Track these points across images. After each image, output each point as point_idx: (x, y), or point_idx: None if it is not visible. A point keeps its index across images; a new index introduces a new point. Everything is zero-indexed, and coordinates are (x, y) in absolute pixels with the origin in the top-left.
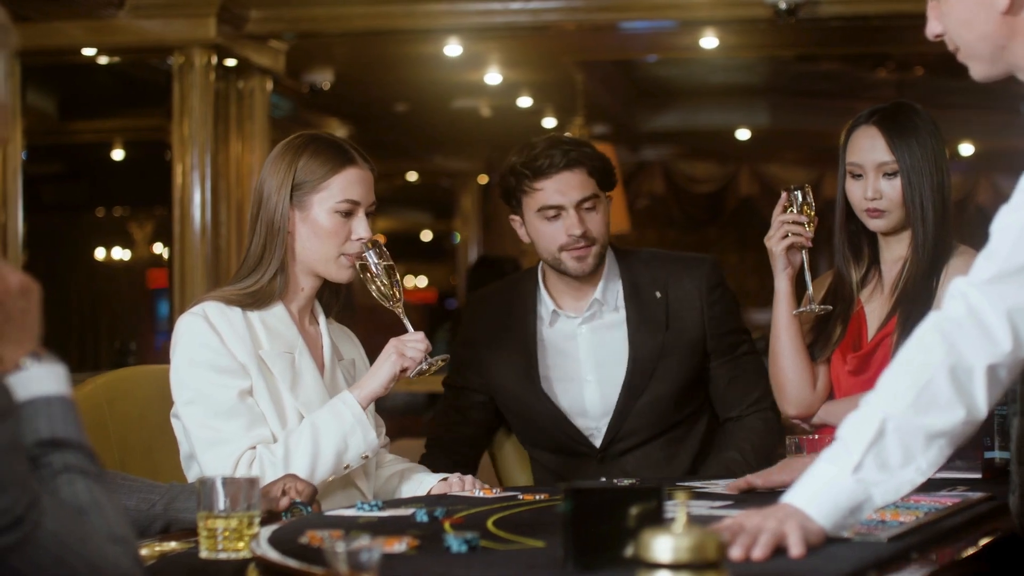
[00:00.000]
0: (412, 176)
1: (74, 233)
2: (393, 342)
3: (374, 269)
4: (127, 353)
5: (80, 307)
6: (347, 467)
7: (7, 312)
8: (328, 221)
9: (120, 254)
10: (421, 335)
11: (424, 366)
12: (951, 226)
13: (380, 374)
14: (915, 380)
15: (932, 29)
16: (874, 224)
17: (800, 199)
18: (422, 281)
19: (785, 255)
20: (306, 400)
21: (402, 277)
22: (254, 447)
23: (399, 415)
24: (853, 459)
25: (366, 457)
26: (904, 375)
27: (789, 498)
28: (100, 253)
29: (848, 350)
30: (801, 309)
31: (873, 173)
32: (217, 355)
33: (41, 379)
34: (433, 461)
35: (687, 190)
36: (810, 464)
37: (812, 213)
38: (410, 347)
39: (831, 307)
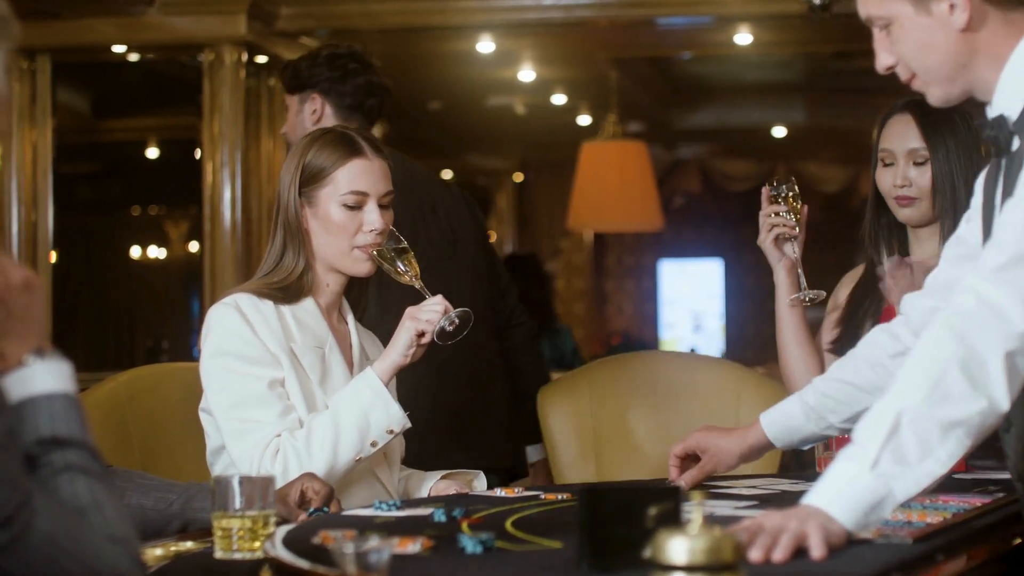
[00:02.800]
0: (447, 175)
1: (109, 232)
2: (409, 310)
3: (389, 253)
4: (159, 352)
5: (115, 306)
6: (374, 444)
7: (9, 308)
8: (337, 214)
9: (155, 252)
10: (438, 298)
11: (444, 324)
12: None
13: (398, 343)
14: (927, 376)
15: (883, 62)
16: (904, 214)
17: (784, 192)
18: None
19: (776, 247)
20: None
21: None
22: (279, 434)
23: None
24: (870, 456)
25: (392, 432)
26: (916, 372)
27: (809, 499)
28: (135, 252)
29: None
30: (792, 297)
31: (904, 160)
32: (248, 345)
33: (44, 376)
34: None
35: (723, 188)
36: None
37: (797, 204)
38: (425, 311)
39: (823, 293)
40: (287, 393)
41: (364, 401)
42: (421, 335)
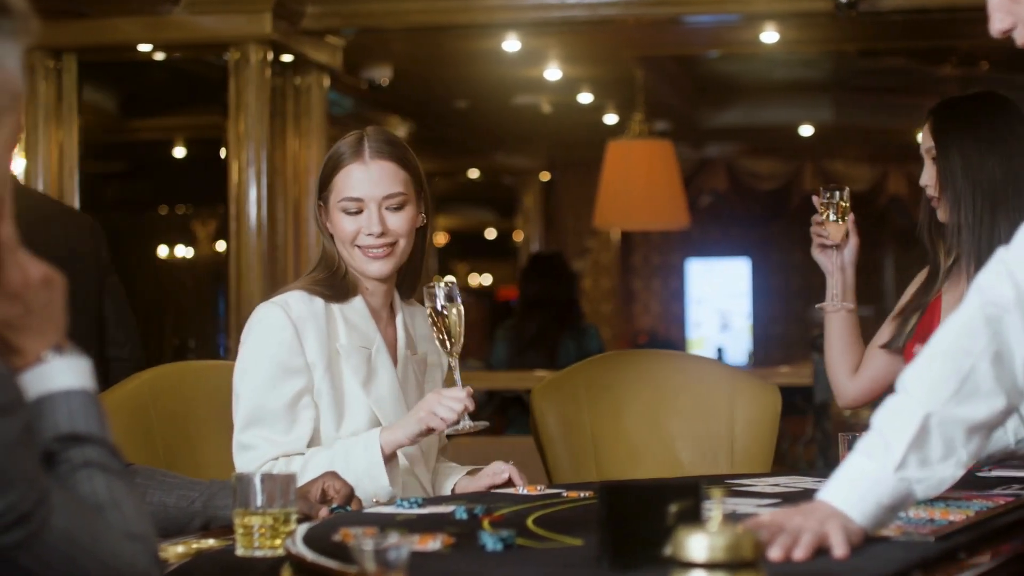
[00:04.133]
0: (474, 173)
1: (137, 231)
2: (430, 398)
3: (439, 309)
4: (186, 350)
5: (143, 305)
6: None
7: (28, 304)
8: (338, 220)
9: (183, 252)
10: (464, 393)
11: (461, 426)
12: (998, 226)
13: (408, 427)
14: (957, 369)
15: (1000, 25)
16: (939, 213)
17: (835, 199)
18: (487, 279)
19: (825, 258)
20: (378, 396)
21: (466, 275)
22: (277, 458)
23: None
24: (895, 457)
25: (378, 502)
26: (946, 363)
27: (827, 496)
28: (163, 251)
29: (918, 341)
30: (817, 305)
31: (926, 158)
32: (285, 351)
33: (63, 372)
34: None
35: (751, 187)
36: None
37: (843, 207)
38: (444, 405)
39: (849, 305)
40: (312, 402)
41: (359, 468)
42: (430, 430)
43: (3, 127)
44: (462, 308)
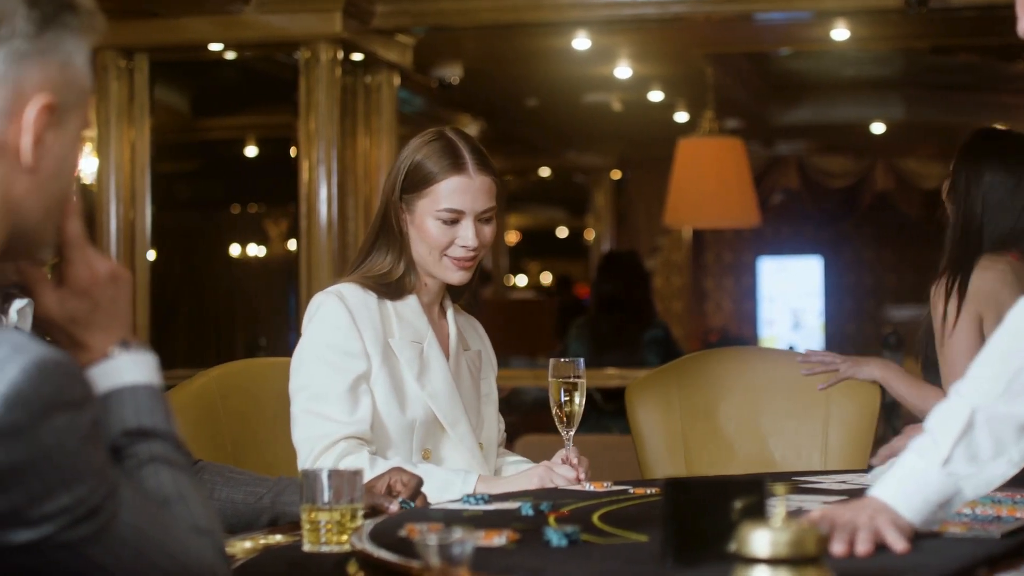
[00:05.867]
0: (545, 172)
1: (209, 230)
2: (543, 471)
3: (562, 401)
4: (256, 348)
5: (215, 303)
6: None
7: (95, 300)
8: (432, 228)
9: (255, 251)
10: (575, 475)
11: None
12: (972, 248)
13: (517, 484)
14: (1006, 368)
15: None
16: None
17: None
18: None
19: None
20: (432, 391)
21: (538, 273)
22: (347, 438)
23: (527, 410)
24: (942, 453)
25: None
26: (995, 362)
27: (877, 492)
28: (235, 250)
29: None
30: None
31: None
32: (346, 337)
33: (129, 368)
34: None
35: (822, 185)
36: None
37: None
38: (559, 476)
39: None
40: (369, 390)
41: (452, 485)
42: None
43: (71, 123)
44: (585, 392)
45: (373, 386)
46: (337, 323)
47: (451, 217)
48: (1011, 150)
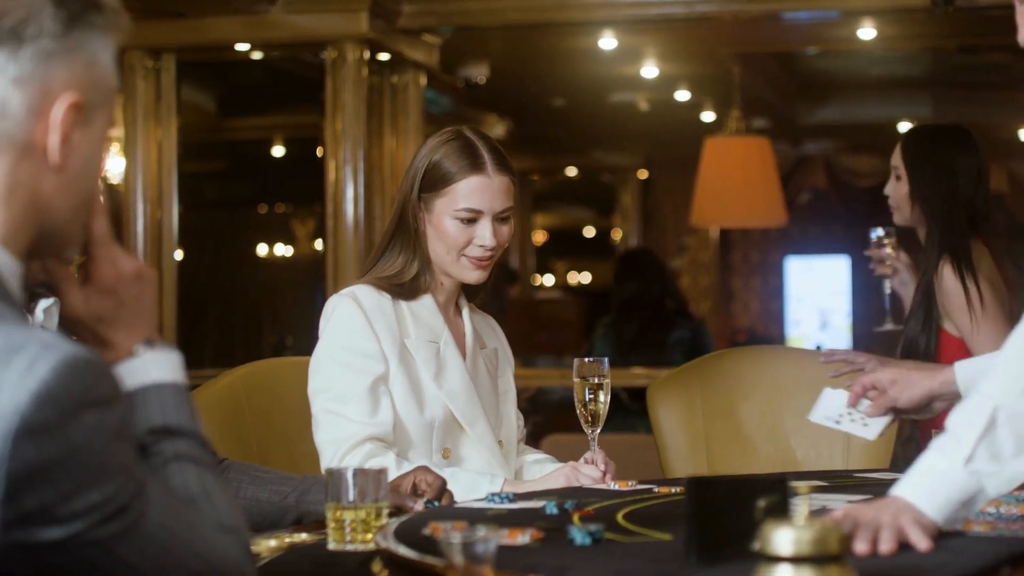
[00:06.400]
0: (572, 171)
1: (237, 230)
2: (569, 471)
3: (586, 400)
4: (283, 348)
5: (243, 303)
6: None
7: (120, 298)
8: (450, 227)
9: (282, 250)
10: (600, 475)
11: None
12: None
13: (544, 484)
14: None
15: None
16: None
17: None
18: (586, 277)
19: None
20: (450, 390)
21: (565, 272)
22: (371, 439)
23: (552, 410)
24: (964, 451)
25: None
26: (1016, 360)
27: (899, 491)
28: (263, 250)
29: None
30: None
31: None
32: (362, 338)
33: (154, 366)
34: None
35: (849, 184)
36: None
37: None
38: (584, 477)
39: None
40: (388, 391)
41: (479, 486)
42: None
43: (97, 122)
44: (610, 391)
45: (391, 387)
46: (352, 325)
47: (469, 217)
48: (947, 143)
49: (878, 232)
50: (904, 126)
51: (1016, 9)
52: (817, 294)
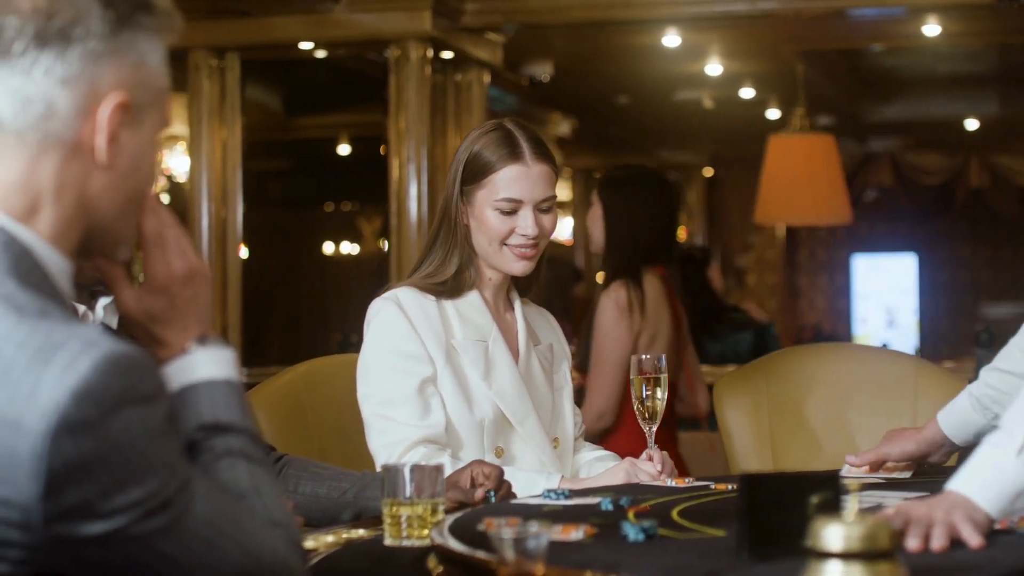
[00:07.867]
0: None
1: (303, 228)
2: (628, 467)
3: (643, 397)
4: (348, 345)
5: (309, 301)
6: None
7: (171, 297)
8: (491, 218)
9: (348, 248)
10: (660, 463)
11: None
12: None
13: (603, 480)
14: None
15: None
16: None
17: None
18: None
19: None
20: (500, 389)
21: None
22: (424, 441)
23: None
24: (1016, 442)
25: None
26: None
27: (954, 485)
28: (329, 248)
29: None
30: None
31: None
32: (405, 340)
33: (206, 363)
34: None
35: (916, 182)
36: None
37: None
38: (643, 472)
39: None
40: (437, 392)
41: (536, 484)
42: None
43: (146, 122)
44: (667, 388)
45: (440, 388)
46: (396, 329)
47: (510, 207)
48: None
49: None
50: (971, 123)
51: None
52: (884, 292)
